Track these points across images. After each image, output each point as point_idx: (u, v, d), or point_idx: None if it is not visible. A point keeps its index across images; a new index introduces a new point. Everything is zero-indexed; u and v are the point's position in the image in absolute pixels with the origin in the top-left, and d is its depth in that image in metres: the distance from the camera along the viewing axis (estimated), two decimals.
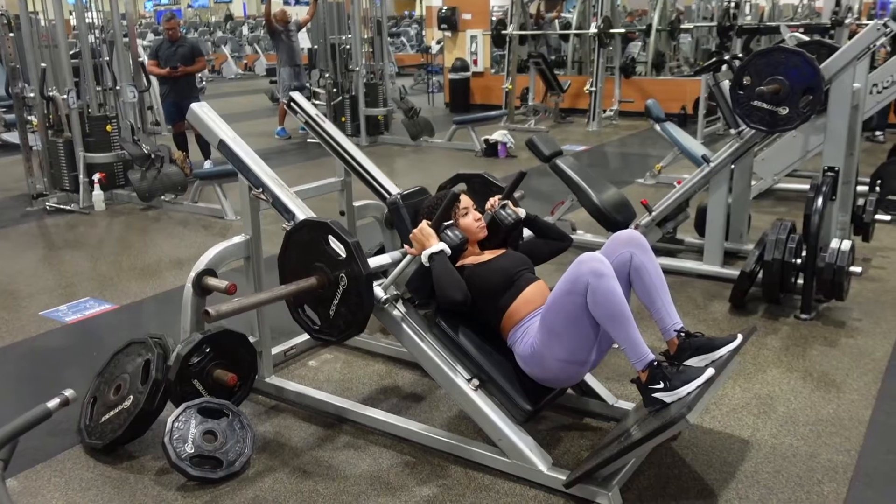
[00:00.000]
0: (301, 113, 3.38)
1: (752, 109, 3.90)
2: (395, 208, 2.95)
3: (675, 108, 9.95)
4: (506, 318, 2.61)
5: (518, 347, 2.58)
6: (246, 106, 13.61)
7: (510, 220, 2.80)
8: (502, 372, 2.58)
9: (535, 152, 4.96)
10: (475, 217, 2.78)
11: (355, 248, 2.50)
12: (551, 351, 2.46)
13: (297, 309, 2.72)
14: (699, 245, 4.83)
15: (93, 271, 4.95)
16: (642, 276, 2.51)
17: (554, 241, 2.94)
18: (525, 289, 2.63)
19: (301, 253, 2.64)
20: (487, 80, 12.47)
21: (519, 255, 2.79)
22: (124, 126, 6.78)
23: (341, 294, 2.55)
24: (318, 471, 2.64)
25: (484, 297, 2.63)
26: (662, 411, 2.29)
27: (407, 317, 2.70)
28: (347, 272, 2.52)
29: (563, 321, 2.43)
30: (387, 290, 2.67)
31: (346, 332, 2.63)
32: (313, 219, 2.68)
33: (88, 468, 2.69)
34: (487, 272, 2.66)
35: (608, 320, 2.35)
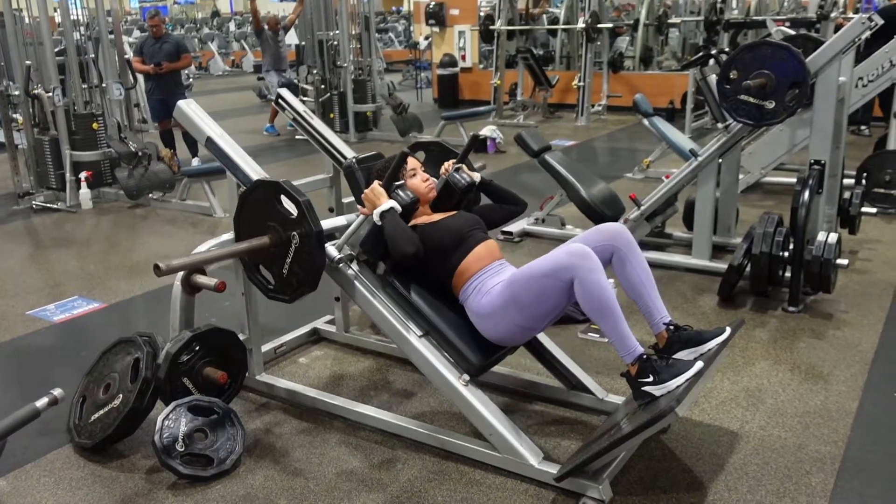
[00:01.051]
0: (289, 109, 3.37)
1: (738, 103, 3.92)
2: (350, 171, 3.01)
3: (663, 102, 9.98)
4: (456, 275, 2.66)
5: (471, 304, 2.62)
6: (234, 103, 13.56)
7: (463, 184, 2.84)
8: (453, 327, 2.65)
9: (524, 147, 4.96)
10: (423, 178, 2.83)
11: (306, 206, 2.55)
12: (510, 316, 2.51)
13: (253, 269, 2.77)
14: (687, 239, 4.85)
15: (80, 270, 4.92)
16: (628, 271, 2.52)
17: (508, 206, 2.97)
18: (475, 247, 2.68)
19: (255, 213, 2.69)
20: (476, 76, 12.47)
21: (470, 216, 2.83)
22: (111, 124, 6.74)
23: (294, 252, 2.60)
24: (310, 468, 2.64)
25: (434, 256, 2.68)
26: (652, 404, 2.30)
27: (360, 275, 2.75)
28: (300, 231, 2.57)
29: (532, 297, 2.47)
30: (340, 250, 2.73)
31: (299, 289, 2.67)
32: (266, 179, 2.73)
33: (78, 467, 2.68)
34: (437, 231, 2.71)
35: (598, 315, 2.37)
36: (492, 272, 2.64)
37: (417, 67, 14.74)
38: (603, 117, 10.78)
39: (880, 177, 5.54)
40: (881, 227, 5.24)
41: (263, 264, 2.74)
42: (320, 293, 3.90)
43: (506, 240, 5.14)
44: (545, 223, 5.29)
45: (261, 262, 2.74)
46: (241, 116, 11.65)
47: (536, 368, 3.21)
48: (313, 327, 3.71)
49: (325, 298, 3.78)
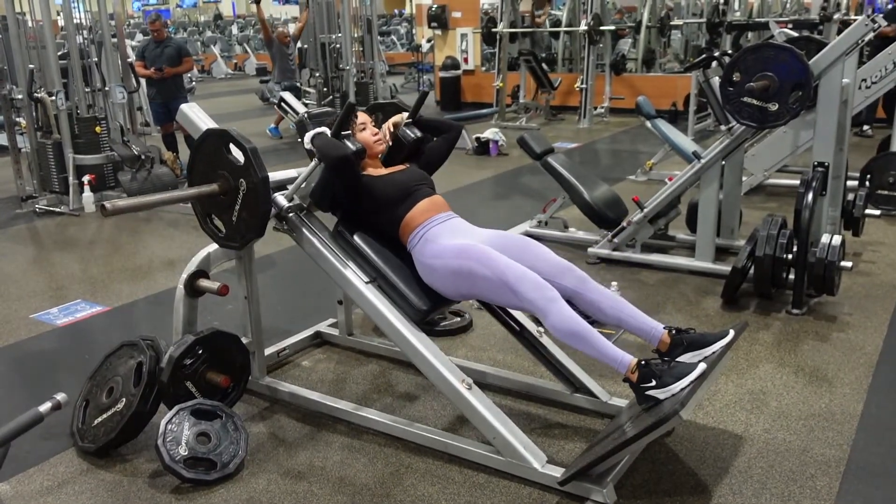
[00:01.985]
0: (291, 112, 3.37)
1: (741, 105, 3.91)
2: (302, 125, 3.08)
3: (666, 104, 9.98)
4: (402, 226, 2.75)
5: (418, 252, 2.71)
6: (236, 106, 13.58)
7: (412, 137, 2.94)
8: (399, 274, 2.75)
9: (527, 150, 4.98)
10: (373, 132, 2.90)
11: (252, 153, 2.62)
12: (458, 282, 2.62)
13: (206, 218, 2.85)
14: (690, 241, 4.84)
15: (84, 273, 4.93)
16: (596, 304, 2.56)
17: (446, 134, 3.07)
18: (420, 201, 2.77)
19: (206, 162, 2.77)
20: (478, 78, 12.47)
21: (419, 172, 2.92)
22: (114, 127, 6.75)
23: (241, 199, 2.68)
24: (313, 472, 2.63)
25: (382, 208, 2.77)
26: (656, 408, 2.30)
27: (308, 223, 2.85)
28: (246, 177, 2.64)
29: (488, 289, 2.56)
30: (290, 200, 2.81)
31: (247, 235, 2.76)
32: (215, 128, 2.81)
33: (81, 472, 2.68)
34: (384, 184, 2.79)
35: (572, 338, 2.43)
36: (438, 221, 2.73)
37: (420, 70, 14.75)
38: (605, 119, 10.77)
39: (884, 179, 5.53)
40: (885, 229, 5.23)
41: (215, 213, 2.83)
42: (323, 296, 3.91)
43: None
44: (548, 226, 5.28)
45: (212, 211, 2.83)
46: (243, 119, 11.65)
47: (539, 371, 3.21)
48: (316, 330, 3.70)
49: (327, 302, 3.79)
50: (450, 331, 3.71)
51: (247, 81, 18.13)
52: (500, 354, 3.49)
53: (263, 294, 3.12)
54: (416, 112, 3.02)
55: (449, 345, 3.59)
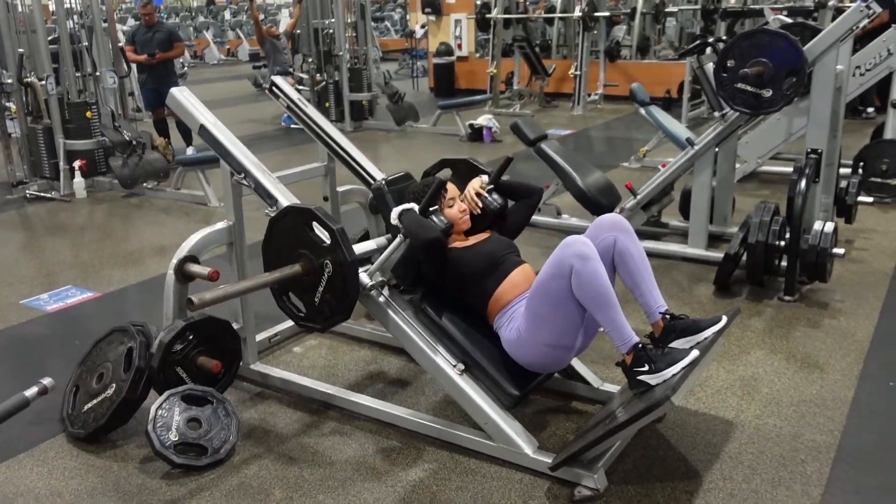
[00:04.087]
0: (283, 98, 3.35)
1: (735, 92, 3.90)
2: (381, 194, 2.92)
3: (660, 91, 9.95)
4: (492, 302, 2.61)
5: (504, 332, 2.58)
6: (229, 92, 13.49)
7: (495, 206, 2.80)
8: (488, 357, 2.59)
9: (520, 136, 4.95)
10: (461, 209, 2.76)
11: (340, 234, 2.48)
12: (538, 336, 2.46)
13: (282, 296, 2.71)
14: (683, 228, 4.84)
15: (74, 259, 4.90)
16: (626, 261, 2.51)
17: (527, 199, 2.93)
18: (511, 272, 2.63)
19: (285, 240, 2.62)
20: (472, 65, 12.42)
21: (503, 239, 2.79)
22: (105, 112, 6.70)
23: (326, 281, 2.53)
24: (304, 457, 2.63)
25: (469, 282, 2.63)
26: (647, 393, 2.29)
27: (392, 302, 2.70)
28: (332, 259, 2.50)
29: (548, 305, 2.43)
30: (372, 277, 2.67)
31: (332, 318, 2.61)
32: (297, 205, 2.66)
33: (72, 457, 2.67)
34: (472, 255, 2.66)
35: (592, 303, 2.36)
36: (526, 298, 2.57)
37: (413, 56, 14.68)
38: (599, 106, 10.74)
39: (877, 166, 5.54)
40: (877, 217, 5.24)
41: (294, 292, 2.68)
42: None
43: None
44: (541, 213, 5.26)
45: (291, 290, 2.68)
46: (236, 105, 11.59)
47: None
48: None
49: None
50: None
51: (240, 67, 18.02)
52: None
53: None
54: (499, 177, 2.87)
55: None
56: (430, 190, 2.63)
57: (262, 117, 10.54)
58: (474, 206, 2.79)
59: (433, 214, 2.65)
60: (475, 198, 2.80)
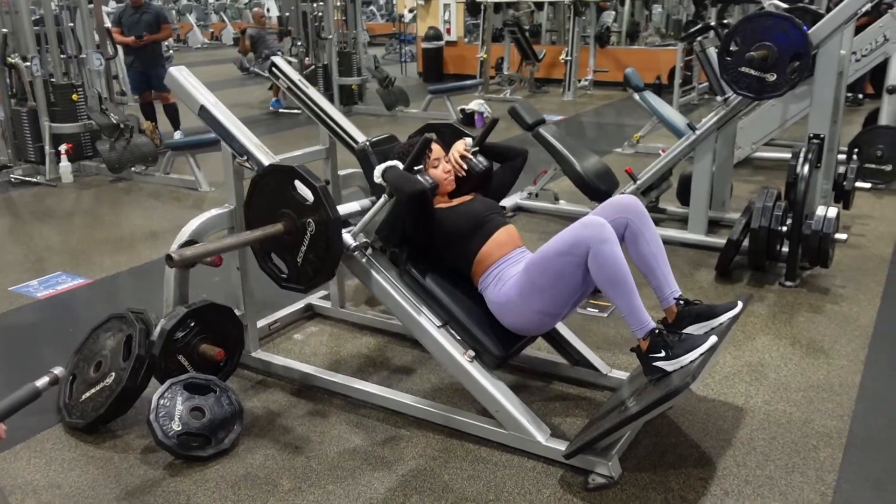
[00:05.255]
0: (283, 78, 3.27)
1: (739, 76, 3.86)
2: (364, 155, 2.88)
3: (650, 78, 9.88)
4: (476, 262, 2.59)
5: (490, 293, 2.56)
6: (215, 76, 13.28)
7: (480, 168, 2.78)
8: (473, 317, 2.58)
9: (518, 121, 4.89)
10: (445, 169, 2.74)
11: (323, 192, 2.44)
12: (530, 303, 2.45)
13: (265, 258, 2.67)
14: (681, 214, 4.82)
15: (63, 245, 4.80)
16: (640, 244, 2.47)
17: (512, 161, 2.90)
18: (495, 232, 2.61)
19: (267, 199, 2.57)
20: (461, 50, 12.34)
21: (488, 200, 2.77)
22: (91, 95, 6.56)
23: (309, 240, 2.50)
24: (311, 446, 2.58)
25: (454, 242, 2.61)
26: (664, 380, 2.26)
27: (376, 263, 2.67)
28: (315, 218, 2.47)
29: (551, 278, 2.41)
30: (356, 238, 2.64)
31: (315, 279, 2.57)
32: (279, 163, 2.62)
33: (70, 448, 2.60)
34: (456, 215, 2.64)
35: (610, 286, 2.32)
36: (512, 261, 2.57)
37: (402, 41, 14.55)
38: (589, 92, 10.71)
39: (871, 152, 5.53)
40: (872, 202, 5.24)
41: (276, 252, 2.63)
42: None
43: None
44: (538, 198, 5.23)
45: (273, 251, 2.63)
46: (222, 90, 11.40)
47: (538, 344, 3.16)
48: (307, 303, 3.63)
49: None
50: None
51: (224, 51, 17.79)
52: None
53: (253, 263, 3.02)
54: (484, 139, 2.85)
55: None
56: (415, 148, 2.59)
57: (248, 102, 10.40)
58: (459, 168, 2.76)
59: (418, 173, 2.61)
60: (459, 160, 2.77)
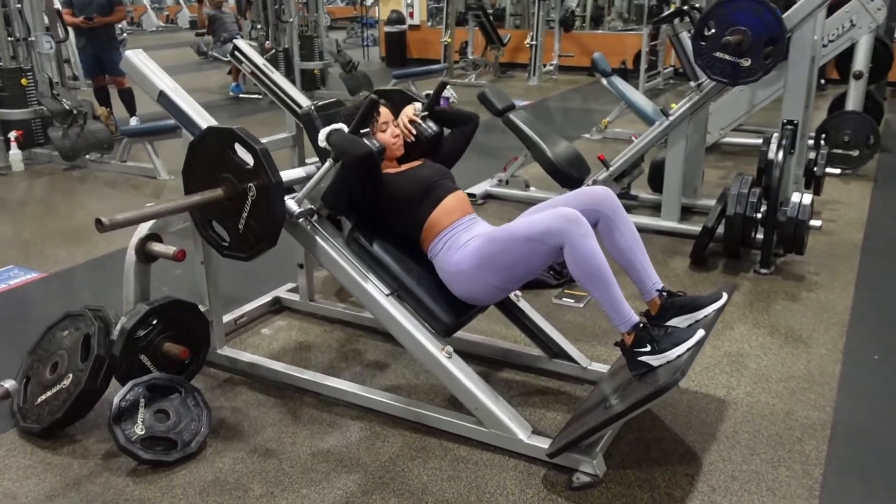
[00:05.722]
0: (246, 62, 3.12)
1: (713, 61, 3.81)
2: (309, 119, 2.75)
3: (616, 62, 9.81)
4: (425, 229, 2.52)
5: (441, 261, 2.49)
6: (172, 60, 12.94)
7: (429, 133, 2.69)
8: (422, 285, 2.51)
9: (488, 106, 4.78)
10: (393, 134, 2.64)
11: (264, 155, 2.33)
12: (484, 276, 2.39)
13: (206, 225, 2.56)
14: (653, 201, 4.78)
15: (15, 237, 4.58)
16: (616, 237, 2.40)
17: (464, 126, 2.82)
18: (444, 198, 2.54)
19: (207, 164, 2.45)
20: (424, 34, 12.18)
21: (437, 166, 2.68)
22: (41, 79, 6.29)
23: (250, 206, 2.39)
24: (282, 448, 2.46)
25: (402, 208, 2.53)
26: (649, 375, 2.19)
27: (321, 230, 2.59)
28: (256, 182, 2.36)
29: (512, 259, 2.35)
30: (300, 204, 2.55)
31: (257, 246, 2.47)
32: (218, 126, 2.51)
33: (25, 454, 2.45)
34: (404, 181, 2.55)
35: (589, 282, 2.25)
36: (462, 227, 2.50)
37: (364, 24, 14.33)
38: (555, 77, 10.65)
39: (839, 137, 5.56)
40: (840, 188, 5.26)
41: (217, 220, 2.53)
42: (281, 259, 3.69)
43: None
44: (508, 185, 5.14)
45: (214, 218, 2.53)
46: (180, 74, 11.04)
47: (513, 336, 3.09)
48: (275, 296, 3.50)
49: (286, 265, 3.58)
50: None
51: (180, 35, 17.37)
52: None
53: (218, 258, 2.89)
54: (433, 104, 2.75)
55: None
56: (360, 110, 2.48)
57: (207, 87, 10.14)
58: (407, 133, 2.68)
59: (365, 137, 2.51)
60: (408, 125, 2.69)
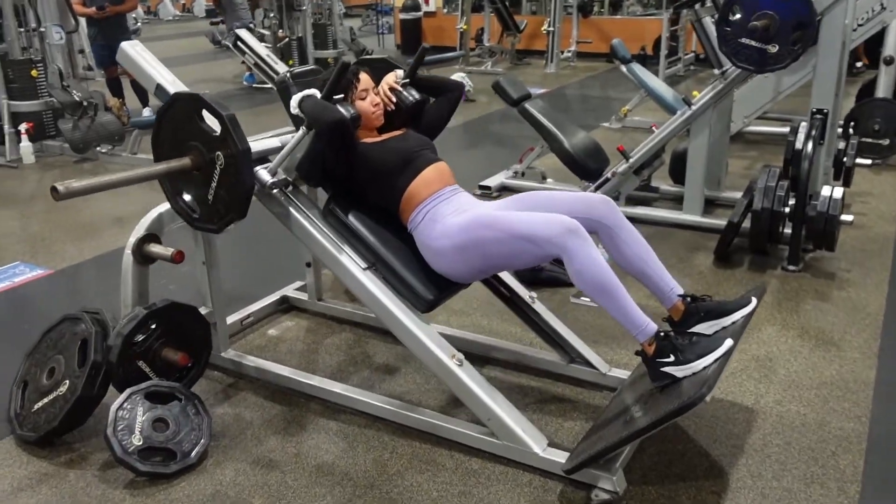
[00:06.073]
0: (249, 53, 3.00)
1: (739, 47, 3.63)
2: (285, 87, 2.62)
3: (635, 48, 9.65)
4: (404, 201, 2.41)
5: (421, 234, 2.38)
6: (185, 49, 12.90)
7: (410, 101, 2.58)
8: (401, 259, 2.42)
9: (503, 96, 4.65)
10: (373, 102, 2.51)
11: (231, 121, 2.24)
12: (469, 260, 2.30)
13: (176, 197, 2.47)
14: (674, 193, 4.62)
15: (23, 232, 4.51)
16: (621, 248, 2.28)
17: (448, 94, 2.70)
18: (424, 169, 2.43)
19: (175, 132, 2.37)
20: (440, 21, 12.00)
21: (419, 136, 2.57)
22: (52, 71, 6.21)
23: (218, 175, 2.31)
24: (286, 459, 2.35)
25: (380, 179, 2.42)
26: (673, 387, 2.06)
27: (295, 201, 2.50)
28: (224, 150, 2.27)
29: (503, 252, 2.25)
30: (274, 174, 2.44)
31: (226, 217, 2.39)
32: (185, 92, 2.41)
33: (21, 464, 2.36)
34: (383, 151, 2.44)
35: (598, 294, 2.14)
36: (443, 198, 2.39)
37: (379, 12, 14.16)
38: (573, 64, 10.44)
39: (869, 126, 5.34)
40: (871, 179, 5.07)
41: (187, 190, 2.44)
42: (289, 257, 3.58)
43: (483, 194, 4.84)
44: (525, 177, 5.00)
45: (184, 189, 2.45)
46: (193, 64, 11.05)
47: (529, 338, 2.97)
48: (282, 295, 3.39)
49: (294, 263, 3.47)
50: None
51: (196, 24, 17.30)
52: (485, 319, 3.22)
53: (223, 253, 2.78)
54: (415, 71, 2.63)
55: None
56: (332, 74, 2.36)
57: (222, 76, 10.04)
58: (387, 101, 2.56)
59: (339, 104, 2.40)
60: (388, 92, 2.57)
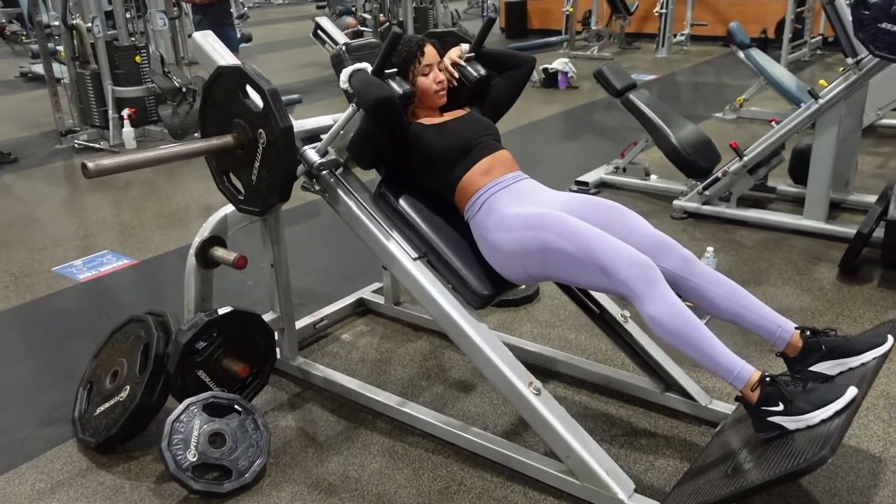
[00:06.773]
0: (329, 42, 2.83)
1: (879, 33, 3.18)
2: (339, 60, 2.45)
3: (755, 31, 9.00)
4: (459, 189, 2.21)
5: (478, 225, 2.17)
6: (293, 33, 13.04)
7: (474, 77, 2.34)
8: (455, 249, 2.23)
9: (605, 85, 4.33)
10: (437, 79, 2.28)
11: (272, 96, 2.08)
12: (525, 259, 2.07)
13: (222, 177, 2.36)
14: (794, 194, 4.19)
15: (115, 220, 4.55)
16: (705, 294, 1.99)
17: (515, 70, 2.45)
18: (484, 157, 2.21)
19: (220, 109, 2.24)
20: (546, 3, 11.61)
21: (482, 120, 2.34)
22: (154, 57, 6.30)
23: (261, 154, 2.17)
24: (347, 484, 2.18)
25: (436, 164, 2.21)
26: (783, 441, 1.74)
27: (344, 183, 2.32)
28: (266, 127, 2.12)
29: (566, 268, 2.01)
30: (323, 154, 2.26)
31: (269, 199, 2.25)
32: (228, 65, 2.26)
33: (79, 472, 2.29)
34: (441, 136, 2.22)
35: (678, 341, 1.88)
36: (503, 184, 2.18)
37: None
38: (686, 48, 9.88)
39: None
40: None
41: (232, 170, 2.32)
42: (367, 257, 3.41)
43: (580, 190, 4.53)
44: (626, 172, 4.66)
45: (229, 169, 2.33)
46: (296, 48, 11.11)
47: (620, 358, 2.69)
48: (359, 297, 3.23)
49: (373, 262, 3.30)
50: (511, 301, 3.18)
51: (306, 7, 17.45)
52: (573, 333, 2.96)
53: (297, 250, 2.64)
54: (480, 44, 2.41)
55: (510, 319, 3.08)
56: (383, 46, 2.13)
57: (324, 61, 10.02)
58: (451, 77, 2.33)
59: (391, 79, 2.19)
60: (450, 67, 2.33)
